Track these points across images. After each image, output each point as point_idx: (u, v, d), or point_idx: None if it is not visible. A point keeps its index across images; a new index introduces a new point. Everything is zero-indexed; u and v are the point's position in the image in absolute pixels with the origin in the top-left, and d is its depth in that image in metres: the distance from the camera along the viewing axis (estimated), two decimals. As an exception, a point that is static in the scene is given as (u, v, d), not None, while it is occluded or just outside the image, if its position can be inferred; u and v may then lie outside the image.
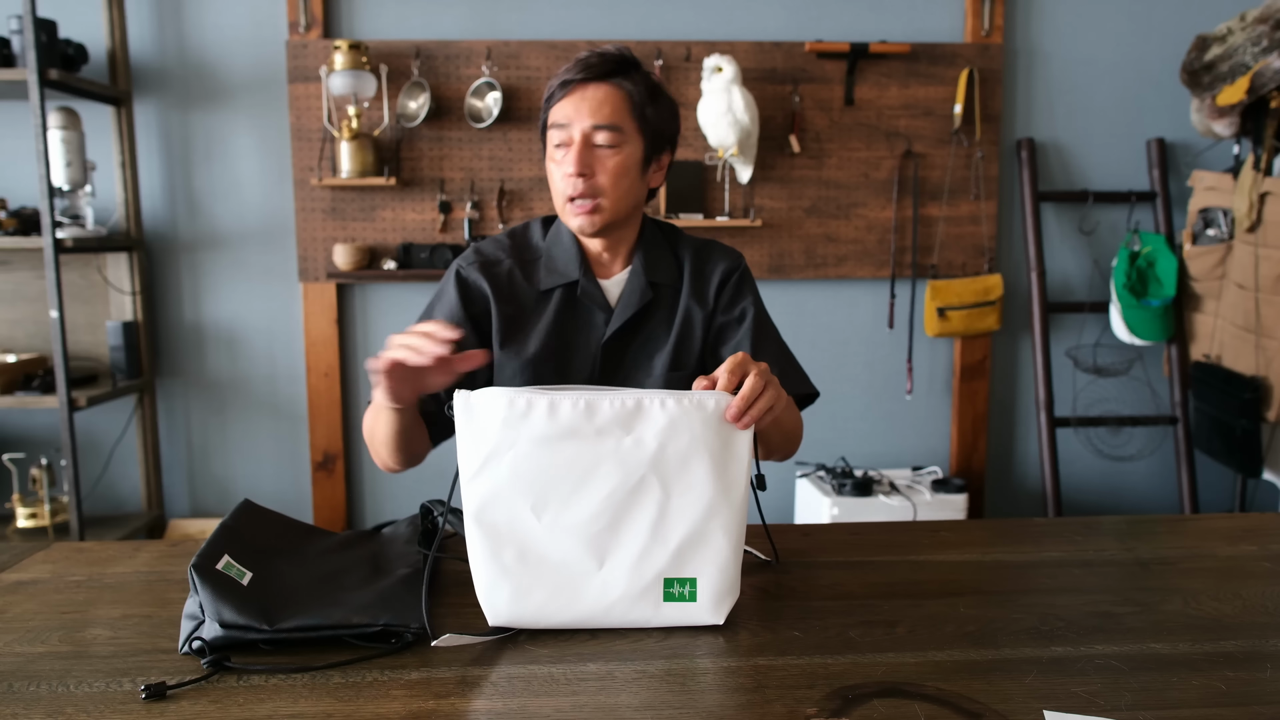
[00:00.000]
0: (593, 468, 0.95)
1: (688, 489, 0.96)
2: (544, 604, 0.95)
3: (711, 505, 0.96)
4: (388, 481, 3.09)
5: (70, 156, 2.64)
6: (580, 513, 0.95)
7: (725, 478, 0.96)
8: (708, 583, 0.97)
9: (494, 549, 0.95)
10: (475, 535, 0.96)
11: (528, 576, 0.95)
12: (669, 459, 0.95)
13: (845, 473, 2.90)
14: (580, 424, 0.95)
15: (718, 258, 1.39)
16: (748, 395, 0.96)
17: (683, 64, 2.90)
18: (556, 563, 0.95)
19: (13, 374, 2.70)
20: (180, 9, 2.88)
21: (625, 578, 0.96)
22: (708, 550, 0.96)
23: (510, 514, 0.95)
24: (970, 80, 2.93)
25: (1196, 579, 1.10)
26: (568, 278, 1.33)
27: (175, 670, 0.87)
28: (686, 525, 0.96)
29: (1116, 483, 3.21)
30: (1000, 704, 0.80)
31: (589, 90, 1.27)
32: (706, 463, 0.96)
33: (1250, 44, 2.62)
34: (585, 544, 0.95)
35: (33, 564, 1.17)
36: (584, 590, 0.95)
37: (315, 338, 2.97)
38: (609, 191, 1.28)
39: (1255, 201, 2.57)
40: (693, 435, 0.95)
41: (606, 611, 0.96)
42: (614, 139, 1.27)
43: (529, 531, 0.95)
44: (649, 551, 0.96)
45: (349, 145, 2.79)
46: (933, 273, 3.03)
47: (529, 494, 0.95)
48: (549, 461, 0.94)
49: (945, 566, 1.15)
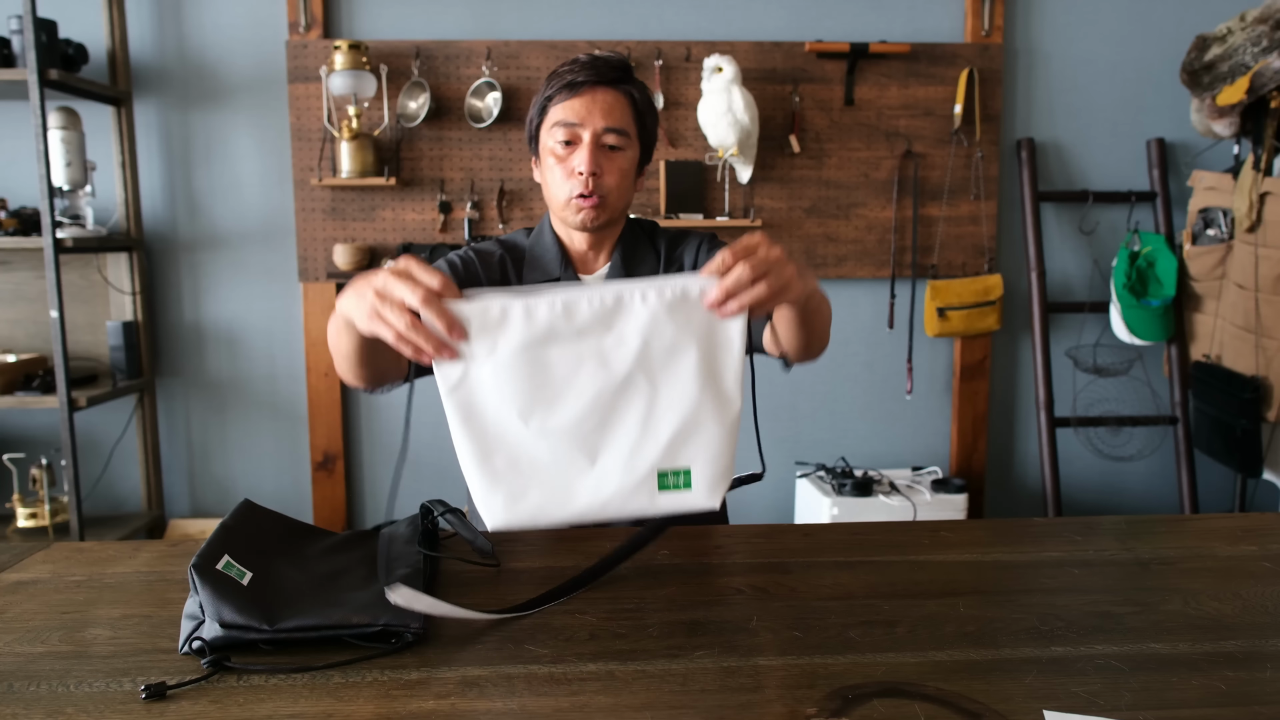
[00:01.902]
0: (576, 369, 0.92)
1: (675, 381, 0.93)
2: (540, 505, 0.94)
3: (701, 396, 0.93)
4: (388, 481, 3.09)
5: (70, 156, 2.64)
6: (568, 414, 0.93)
7: (714, 367, 0.94)
8: (702, 470, 0.95)
9: (484, 457, 0.93)
10: (464, 445, 0.94)
11: (521, 480, 0.93)
12: (654, 354, 0.93)
13: (845, 473, 2.90)
14: (560, 326, 0.92)
15: (690, 237, 1.45)
16: (730, 286, 0.92)
17: (683, 64, 2.90)
18: (549, 464, 0.93)
19: (13, 374, 2.70)
20: (180, 9, 2.88)
21: (619, 473, 0.94)
22: (700, 439, 0.94)
23: (497, 422, 0.93)
24: (970, 80, 2.93)
25: (1196, 579, 1.10)
26: (549, 274, 1.38)
27: (175, 670, 0.87)
28: (676, 417, 0.94)
29: (1116, 483, 3.21)
30: (1000, 704, 0.80)
31: (599, 93, 1.32)
32: (693, 354, 0.93)
33: (1250, 44, 2.62)
34: (576, 444, 0.93)
35: (33, 564, 1.17)
36: (578, 488, 0.94)
37: (315, 338, 2.97)
38: (613, 191, 1.33)
39: (1255, 201, 2.57)
40: (676, 327, 0.92)
41: (603, 507, 0.94)
42: (621, 141, 1.33)
43: (517, 437, 0.93)
44: (640, 446, 0.94)
45: (349, 145, 2.79)
46: (933, 273, 3.03)
47: (514, 400, 0.92)
48: (531, 366, 0.92)
49: (945, 566, 1.15)
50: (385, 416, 3.06)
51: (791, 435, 3.12)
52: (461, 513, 1.21)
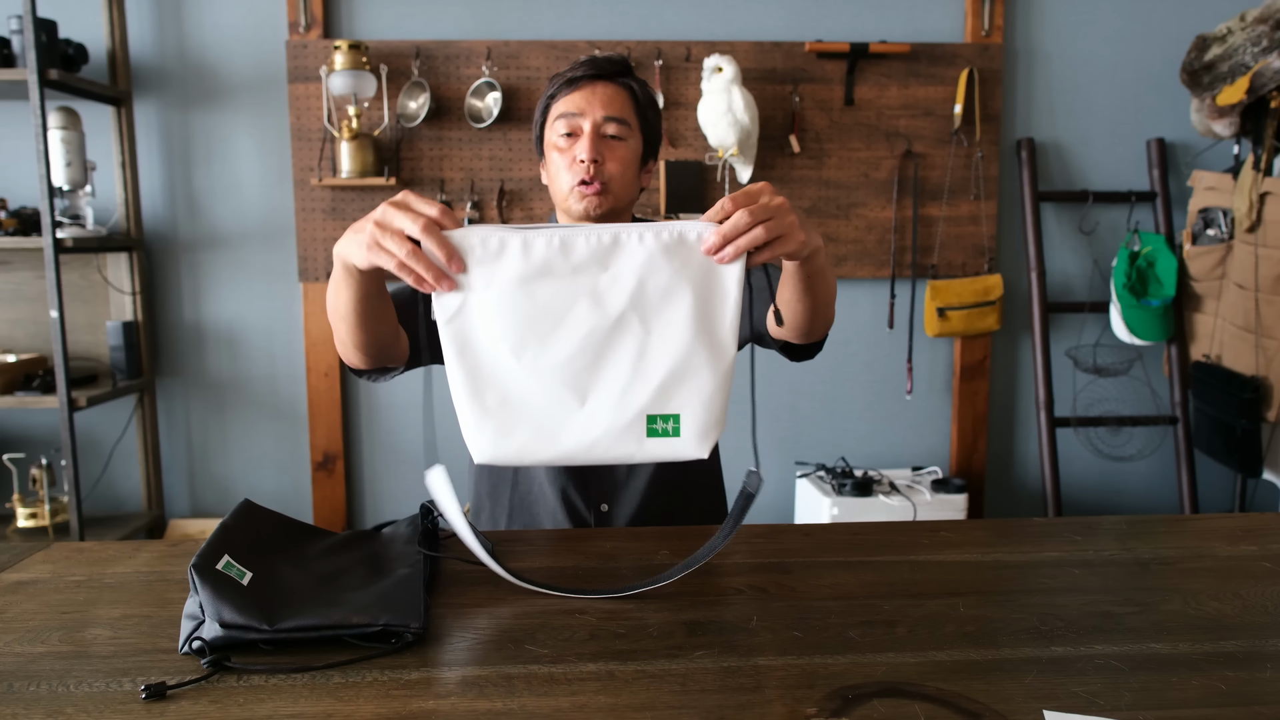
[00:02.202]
0: (570, 306, 0.92)
1: (668, 325, 0.93)
2: (527, 443, 0.94)
3: (694, 342, 0.93)
4: (388, 481, 3.09)
5: (70, 156, 2.64)
6: (560, 352, 0.93)
7: (709, 314, 0.93)
8: (691, 418, 0.94)
9: (475, 390, 0.94)
10: (457, 378, 0.94)
11: (510, 416, 0.94)
12: (649, 295, 0.92)
13: (845, 473, 2.90)
14: (556, 262, 0.92)
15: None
16: (728, 231, 0.91)
17: (683, 64, 2.90)
18: (538, 402, 0.94)
19: (13, 374, 2.70)
20: (180, 9, 2.88)
21: (608, 415, 0.94)
22: (691, 386, 0.94)
23: (490, 355, 0.93)
24: (970, 80, 2.93)
25: (1196, 579, 1.10)
26: None
27: (175, 670, 0.87)
28: (668, 362, 0.93)
29: (1116, 483, 3.21)
30: (1000, 704, 0.80)
31: (599, 86, 1.35)
32: (688, 299, 0.93)
33: (1250, 44, 2.62)
34: (566, 382, 0.93)
35: (33, 564, 1.17)
36: (567, 428, 0.94)
37: (315, 338, 2.97)
38: (616, 179, 1.35)
39: (1255, 201, 2.57)
40: (672, 271, 0.92)
41: (590, 448, 0.94)
42: (622, 131, 1.35)
43: (509, 372, 0.93)
44: (631, 388, 0.94)
45: (349, 145, 2.79)
46: (933, 273, 3.03)
47: (507, 335, 0.93)
48: (526, 302, 0.92)
49: (945, 566, 1.15)
50: (385, 416, 3.06)
51: (791, 435, 3.12)
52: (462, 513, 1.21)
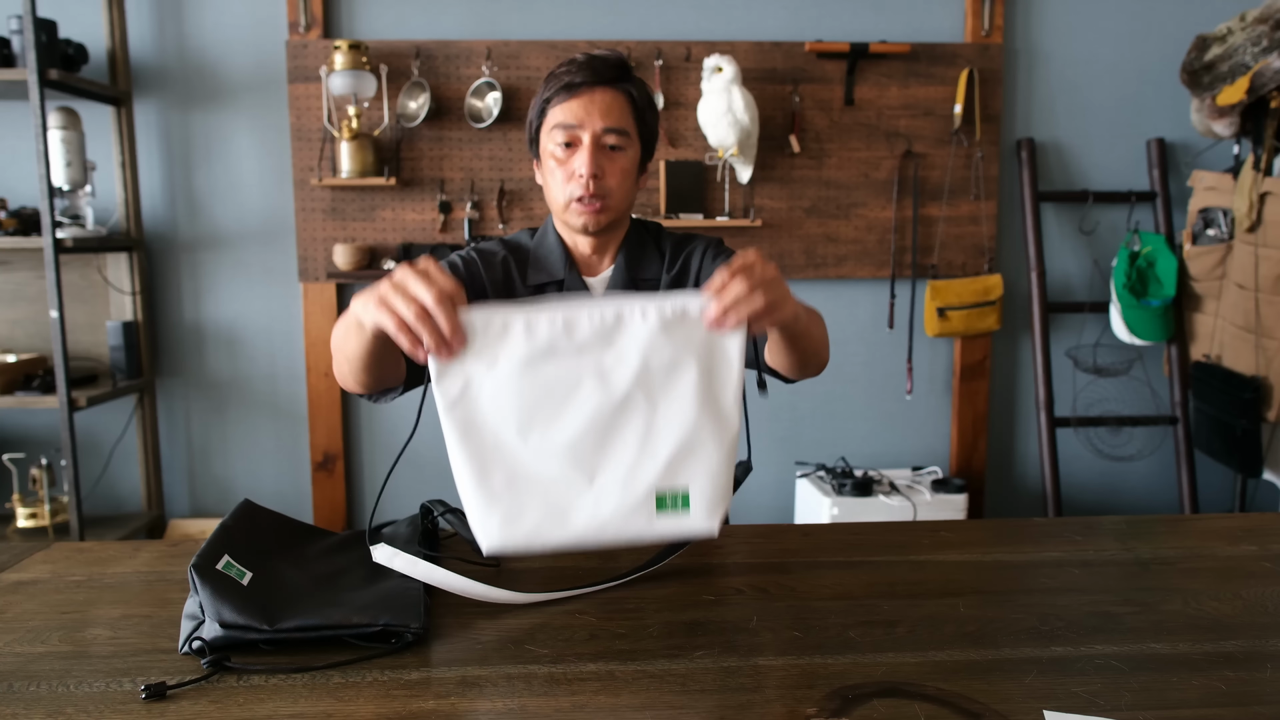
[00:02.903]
0: (576, 386, 0.92)
1: (674, 400, 0.93)
2: (537, 526, 0.92)
3: (700, 415, 0.93)
4: (388, 482, 3.08)
5: (70, 156, 2.64)
6: (567, 432, 0.92)
7: (713, 386, 0.93)
8: (700, 491, 0.93)
9: (481, 475, 0.92)
10: (461, 463, 0.92)
11: (518, 499, 0.92)
12: (653, 371, 0.92)
13: (845, 473, 2.90)
14: (560, 342, 0.92)
15: (696, 241, 1.44)
16: (728, 300, 0.92)
17: (683, 64, 2.90)
18: (546, 483, 0.92)
19: (13, 374, 2.71)
20: (180, 9, 2.88)
21: (617, 494, 0.92)
22: (699, 459, 0.93)
23: (495, 438, 0.92)
24: (970, 80, 2.93)
25: (1196, 579, 1.10)
26: (554, 276, 1.37)
27: (175, 670, 0.87)
28: (675, 437, 0.93)
29: (1116, 483, 3.21)
30: (1000, 704, 0.80)
31: (597, 94, 1.30)
32: (693, 371, 0.93)
33: (1250, 44, 2.62)
34: (574, 462, 0.92)
35: (33, 564, 1.17)
36: (576, 509, 0.92)
37: (315, 338, 2.97)
38: (615, 192, 1.32)
39: (1255, 201, 2.57)
40: (676, 346, 0.92)
41: (600, 529, 0.92)
42: (622, 141, 1.31)
43: (515, 454, 0.92)
44: (639, 465, 0.93)
45: (349, 145, 2.79)
46: (933, 273, 3.03)
47: (513, 417, 0.92)
48: (530, 382, 0.91)
49: (945, 566, 1.15)
50: (385, 417, 3.06)
51: (791, 435, 3.12)
52: (461, 513, 1.21)
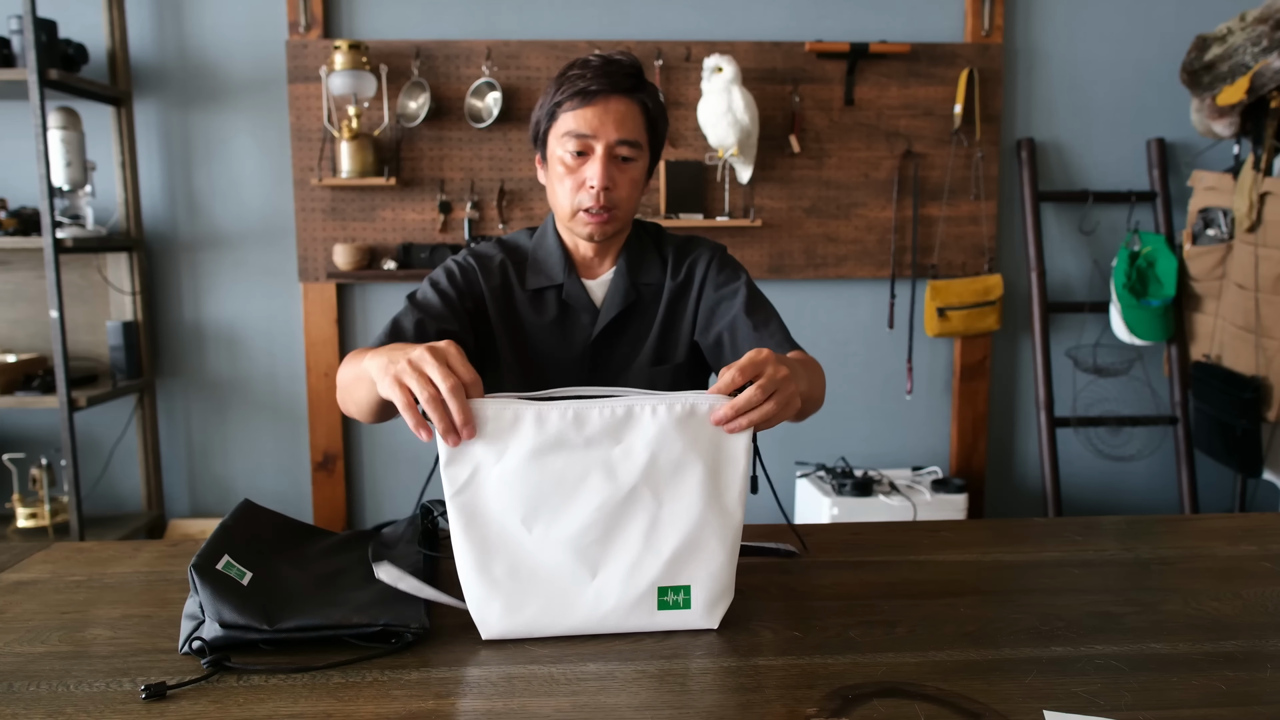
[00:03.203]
0: (582, 478, 0.93)
1: (680, 497, 0.94)
2: (537, 616, 0.93)
3: (704, 513, 0.94)
4: (388, 481, 3.09)
5: (70, 156, 2.64)
6: (571, 524, 0.93)
7: (719, 484, 0.95)
8: (702, 589, 0.95)
9: (483, 563, 0.93)
10: (464, 549, 0.93)
11: (519, 589, 0.93)
12: (660, 468, 0.93)
13: (845, 473, 2.90)
14: (569, 434, 0.92)
15: (700, 247, 1.42)
16: (741, 405, 0.93)
17: (683, 64, 2.90)
18: (549, 574, 0.93)
19: (13, 374, 2.70)
20: (180, 9, 2.88)
21: (619, 588, 0.94)
22: (701, 557, 0.95)
23: (500, 527, 0.93)
24: (970, 80, 2.93)
25: (1196, 579, 1.10)
26: (554, 280, 1.36)
27: (175, 670, 0.87)
28: (679, 534, 0.94)
29: (1116, 483, 3.21)
30: (1000, 704, 0.80)
31: (612, 103, 1.27)
32: (699, 470, 0.94)
33: (1250, 44, 2.62)
34: (577, 555, 0.93)
35: (33, 564, 1.17)
36: (577, 601, 0.94)
37: (315, 338, 2.97)
38: (624, 203, 1.30)
39: (1255, 201, 2.57)
40: (684, 443, 0.93)
41: (601, 621, 0.94)
42: (634, 153, 1.29)
43: (519, 544, 0.93)
44: (642, 561, 0.94)
45: (349, 145, 2.79)
46: (933, 273, 3.03)
47: (518, 506, 0.92)
48: (538, 474, 0.92)
49: (945, 566, 1.15)
50: (385, 416, 3.06)
51: (791, 435, 3.12)
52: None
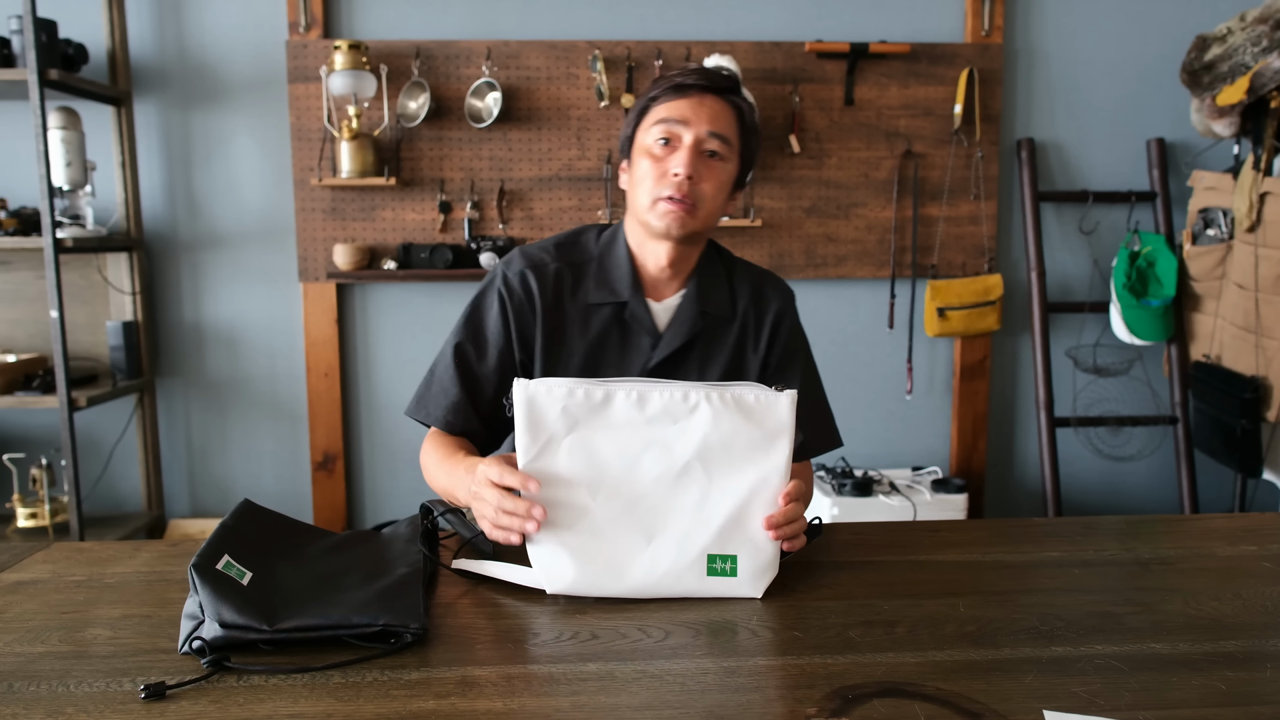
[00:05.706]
0: (642, 454, 1.05)
1: (729, 475, 1.05)
2: (598, 575, 1.03)
3: (751, 492, 1.05)
4: (388, 481, 3.09)
5: (70, 156, 2.64)
6: (630, 494, 1.05)
7: (764, 467, 1.05)
8: (747, 560, 1.05)
9: (553, 524, 1.04)
10: None
11: (583, 551, 1.04)
12: (712, 448, 1.05)
13: (845, 473, 2.90)
14: (633, 414, 1.05)
15: (772, 294, 1.38)
16: (779, 520, 1.05)
17: (683, 64, 2.90)
18: (609, 539, 1.04)
19: (13, 374, 2.70)
20: (180, 9, 2.88)
21: (671, 554, 1.04)
22: (747, 531, 1.05)
23: (567, 494, 1.04)
24: (970, 80, 2.93)
25: (1196, 579, 1.11)
26: (618, 297, 1.30)
27: (175, 670, 0.87)
28: (727, 508, 1.05)
29: (1116, 483, 3.21)
30: (1000, 704, 0.80)
31: (708, 99, 1.26)
32: (747, 453, 1.05)
33: (1250, 44, 2.62)
34: (635, 523, 1.04)
35: (33, 564, 1.17)
36: (634, 564, 1.04)
37: (315, 338, 2.97)
38: (707, 200, 1.26)
39: (1255, 201, 2.57)
40: (734, 428, 1.05)
41: (656, 583, 1.04)
42: (724, 150, 1.26)
43: (585, 510, 1.04)
44: (693, 530, 1.04)
45: (349, 145, 2.79)
46: (933, 273, 3.03)
47: (585, 476, 1.04)
48: (603, 447, 1.04)
49: (945, 566, 1.15)
50: (385, 416, 3.06)
51: (791, 435, 3.11)
52: (461, 513, 1.21)
